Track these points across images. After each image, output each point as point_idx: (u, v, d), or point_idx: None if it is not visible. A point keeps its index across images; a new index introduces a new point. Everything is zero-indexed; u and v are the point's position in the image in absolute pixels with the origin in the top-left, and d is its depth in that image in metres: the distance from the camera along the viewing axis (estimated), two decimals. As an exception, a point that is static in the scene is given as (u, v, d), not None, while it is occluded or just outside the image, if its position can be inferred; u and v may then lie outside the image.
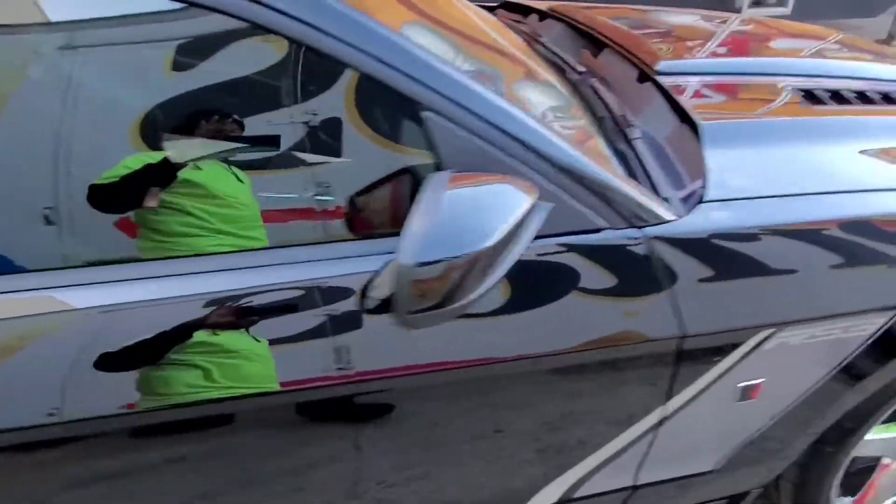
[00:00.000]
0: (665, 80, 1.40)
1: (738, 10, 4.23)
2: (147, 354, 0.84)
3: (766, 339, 1.07)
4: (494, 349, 0.97)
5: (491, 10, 2.09)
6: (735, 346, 1.06)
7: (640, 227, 1.01)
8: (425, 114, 0.89)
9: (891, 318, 1.14)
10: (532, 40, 1.71)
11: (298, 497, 1.02)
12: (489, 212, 0.82)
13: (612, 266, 0.99)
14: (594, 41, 1.69)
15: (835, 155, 1.23)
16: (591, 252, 0.99)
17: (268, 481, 0.99)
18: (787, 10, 4.34)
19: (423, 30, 1.21)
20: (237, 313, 0.87)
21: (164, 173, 0.85)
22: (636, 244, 1.00)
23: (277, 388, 0.88)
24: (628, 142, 1.23)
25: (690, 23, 1.98)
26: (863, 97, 1.44)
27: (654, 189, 1.10)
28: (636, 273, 1.00)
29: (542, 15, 1.94)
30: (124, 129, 0.84)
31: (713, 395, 1.11)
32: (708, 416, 1.14)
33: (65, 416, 0.82)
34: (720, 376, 1.09)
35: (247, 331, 0.87)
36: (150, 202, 0.86)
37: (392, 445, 1.02)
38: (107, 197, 0.84)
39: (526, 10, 2.04)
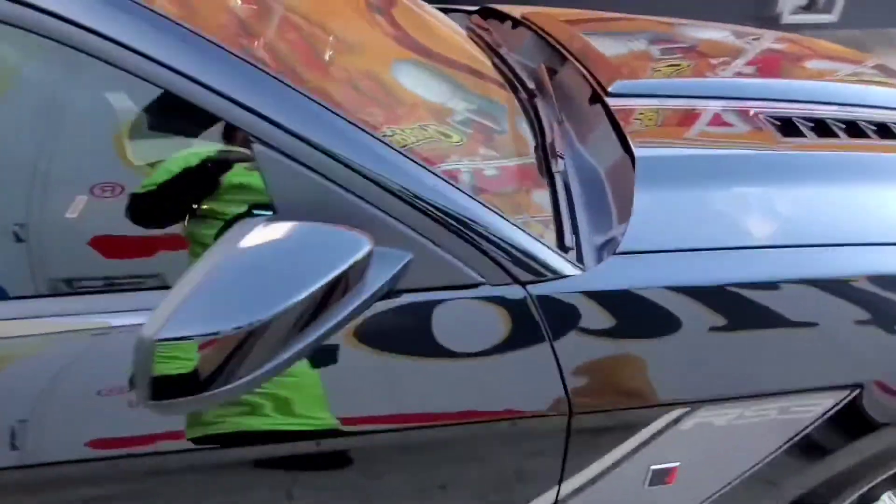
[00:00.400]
0: (616, 103, 1.23)
1: (779, 17, 3.94)
2: None
3: (679, 418, 0.91)
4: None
5: (469, 14, 1.94)
6: (636, 426, 0.90)
7: (524, 283, 0.86)
8: (255, 145, 0.76)
9: (841, 399, 0.96)
10: (491, 52, 1.56)
11: None
12: (299, 266, 0.68)
13: (488, 329, 0.85)
14: (559, 56, 1.53)
15: (791, 199, 1.05)
16: (463, 312, 0.84)
17: None
18: (833, 18, 4.01)
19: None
20: None
21: (207, 177, 0.79)
22: (518, 303, 0.85)
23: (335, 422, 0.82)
24: (550, 176, 1.07)
25: (695, 38, 1.75)
26: (853, 128, 1.24)
27: (560, 234, 0.95)
28: (517, 338, 0.85)
29: (515, 23, 1.78)
30: None
31: (618, 478, 0.94)
32: (615, 501, 0.98)
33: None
34: (624, 458, 0.93)
35: None
36: None
37: (330, 497, 0.91)
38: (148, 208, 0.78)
39: (503, 17, 1.88)
